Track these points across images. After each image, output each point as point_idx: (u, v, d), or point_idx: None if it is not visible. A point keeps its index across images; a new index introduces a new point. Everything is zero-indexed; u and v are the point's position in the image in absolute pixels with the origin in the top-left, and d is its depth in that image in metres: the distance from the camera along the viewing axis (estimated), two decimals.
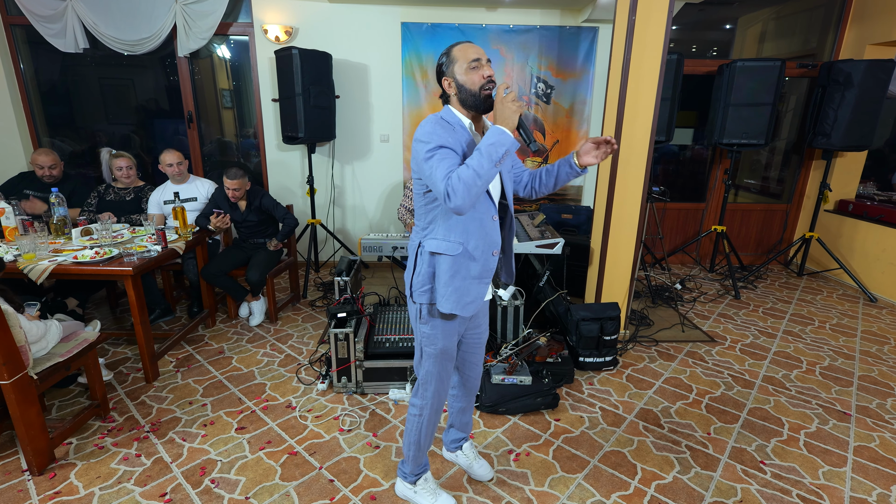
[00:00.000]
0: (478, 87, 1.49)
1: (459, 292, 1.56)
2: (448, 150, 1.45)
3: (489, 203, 1.55)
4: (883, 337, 3.48)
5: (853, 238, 4.52)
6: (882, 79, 3.94)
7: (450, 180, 1.38)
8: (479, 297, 1.60)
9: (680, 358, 3.11)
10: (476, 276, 1.57)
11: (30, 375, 1.95)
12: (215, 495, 1.93)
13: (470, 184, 1.36)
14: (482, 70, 1.48)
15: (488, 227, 1.56)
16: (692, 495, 1.97)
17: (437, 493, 1.88)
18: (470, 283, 1.57)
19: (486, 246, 1.56)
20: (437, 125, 1.49)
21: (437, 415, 1.80)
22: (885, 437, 2.37)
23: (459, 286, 1.56)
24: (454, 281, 1.56)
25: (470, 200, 1.39)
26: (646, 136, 2.91)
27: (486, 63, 1.50)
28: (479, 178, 1.36)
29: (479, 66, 1.48)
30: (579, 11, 4.36)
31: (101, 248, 2.74)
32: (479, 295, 1.59)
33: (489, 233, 1.56)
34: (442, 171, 1.41)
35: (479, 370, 1.91)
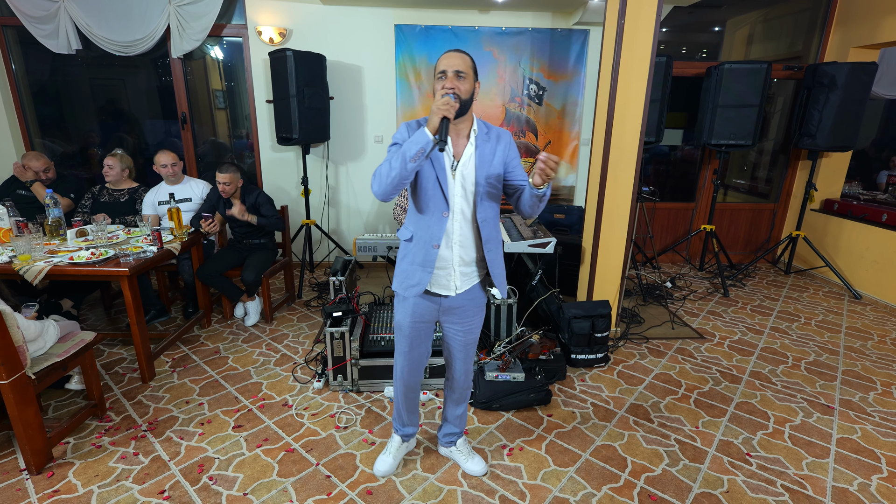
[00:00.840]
0: (439, 95, 1.58)
1: (404, 274, 1.78)
2: (398, 146, 1.62)
3: (440, 199, 1.67)
4: (866, 333, 3.56)
5: (838, 237, 4.62)
6: (865, 81, 4.03)
7: (375, 171, 1.60)
8: (422, 283, 1.74)
9: (670, 354, 3.18)
10: (419, 264, 1.74)
11: (27, 375, 1.97)
12: (213, 492, 1.96)
13: (383, 175, 1.56)
14: (444, 81, 1.59)
15: (433, 222, 1.70)
16: (680, 487, 2.03)
17: (388, 452, 2.10)
18: (414, 269, 1.75)
19: (427, 238, 1.71)
20: (407, 126, 1.66)
21: (407, 391, 1.98)
22: (866, 429, 2.44)
23: (406, 269, 1.77)
24: (402, 264, 1.79)
25: (382, 189, 1.57)
26: (635, 137, 2.97)
27: (453, 75, 1.59)
28: (391, 170, 1.54)
29: (444, 77, 1.60)
30: (570, 14, 4.42)
31: (97, 248, 2.75)
32: (420, 281, 1.74)
33: (432, 227, 1.70)
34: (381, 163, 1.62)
35: (462, 366, 1.96)
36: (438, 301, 1.80)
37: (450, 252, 1.73)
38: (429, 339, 1.91)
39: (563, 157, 4.86)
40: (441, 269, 1.75)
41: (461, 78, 1.59)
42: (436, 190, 1.66)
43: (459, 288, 1.78)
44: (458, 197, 1.69)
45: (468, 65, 1.61)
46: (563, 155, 4.86)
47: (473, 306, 1.85)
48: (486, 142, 1.70)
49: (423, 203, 1.69)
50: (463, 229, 1.73)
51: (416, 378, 1.96)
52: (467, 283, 1.80)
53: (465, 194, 1.70)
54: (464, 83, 1.59)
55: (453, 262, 1.75)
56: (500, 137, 1.73)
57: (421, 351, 1.90)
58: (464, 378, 2.00)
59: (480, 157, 1.69)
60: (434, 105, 1.52)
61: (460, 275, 1.77)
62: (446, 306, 1.81)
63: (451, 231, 1.71)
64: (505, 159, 1.71)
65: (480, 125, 1.72)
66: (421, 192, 1.68)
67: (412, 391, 2.00)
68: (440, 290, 1.78)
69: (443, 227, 1.69)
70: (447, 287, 1.77)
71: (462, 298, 1.80)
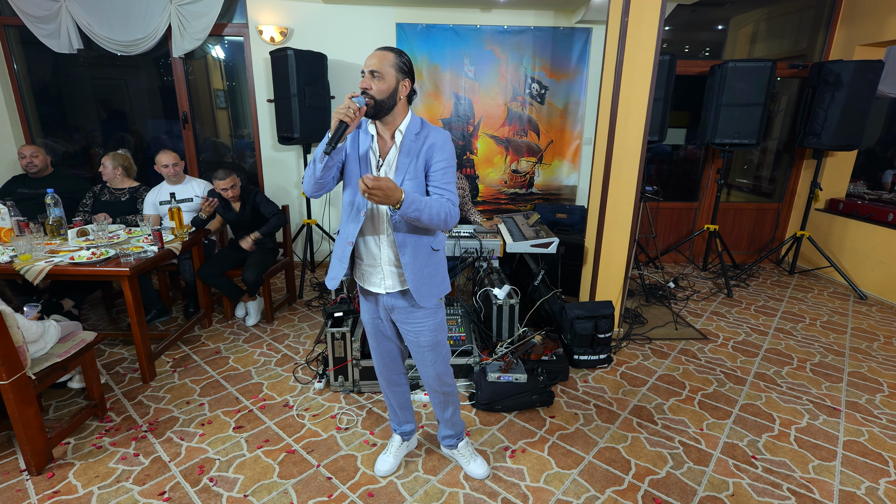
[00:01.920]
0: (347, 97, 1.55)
1: (329, 266, 1.83)
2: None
3: (362, 200, 1.66)
4: (872, 334, 3.53)
5: (843, 236, 4.58)
6: (871, 79, 4.00)
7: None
8: (338, 276, 1.78)
9: (673, 355, 3.15)
10: (337, 258, 1.79)
11: (28, 376, 1.96)
12: (214, 493, 1.95)
13: (307, 177, 1.63)
14: (363, 81, 1.59)
15: (349, 220, 1.73)
16: (685, 490, 2.01)
17: (388, 452, 2.11)
18: (335, 262, 1.80)
19: (344, 234, 1.75)
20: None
21: (388, 385, 2.02)
22: (873, 431, 2.41)
23: (331, 262, 1.83)
24: (332, 257, 1.83)
25: (307, 188, 1.65)
26: (639, 136, 2.95)
27: (368, 75, 1.58)
28: (310, 170, 1.61)
29: (363, 76, 1.59)
30: (573, 13, 4.40)
31: (98, 248, 2.74)
32: (337, 274, 1.78)
33: (349, 224, 1.73)
34: None
35: (422, 369, 1.91)
36: (378, 298, 1.80)
37: (378, 251, 1.72)
38: (391, 335, 1.89)
39: (565, 156, 4.84)
40: (371, 266, 1.75)
41: (376, 77, 1.56)
42: (356, 189, 1.66)
43: (390, 287, 1.74)
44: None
45: (388, 63, 1.56)
46: (565, 154, 4.84)
47: (412, 308, 1.77)
48: (414, 143, 1.64)
49: (347, 200, 1.71)
50: (388, 230, 1.69)
51: (392, 372, 1.98)
52: (398, 286, 1.74)
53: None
54: (379, 83, 1.56)
55: (382, 260, 1.72)
56: (432, 139, 1.64)
57: (389, 346, 1.92)
58: (430, 382, 1.93)
59: (402, 158, 1.64)
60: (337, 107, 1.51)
61: (390, 273, 1.73)
62: (388, 305, 1.80)
63: (375, 230, 1.70)
64: (425, 159, 1.64)
65: (412, 125, 1.66)
66: (347, 190, 1.71)
67: (395, 385, 2.01)
68: (372, 288, 1.77)
69: (357, 225, 1.68)
70: (378, 285, 1.76)
71: (394, 299, 1.77)
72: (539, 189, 4.92)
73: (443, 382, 1.93)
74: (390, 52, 1.59)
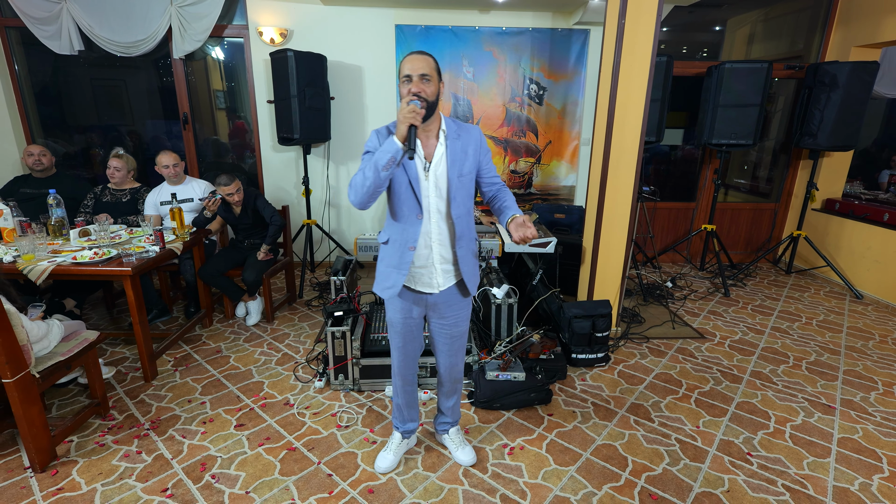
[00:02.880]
0: (405, 102, 1.59)
1: (381, 276, 1.83)
2: (370, 153, 1.66)
3: (414, 202, 1.71)
4: (868, 332, 3.56)
5: (840, 236, 4.62)
6: (866, 80, 4.03)
7: (350, 182, 1.64)
8: (396, 285, 1.79)
9: (670, 354, 3.18)
10: (394, 266, 1.78)
11: (32, 374, 1.98)
12: (216, 490, 1.97)
13: (357, 185, 1.60)
14: (409, 86, 1.61)
15: (408, 225, 1.73)
16: (681, 486, 2.03)
17: (388, 450, 2.13)
18: (390, 271, 1.80)
19: (403, 241, 1.75)
20: (377, 133, 1.69)
21: (405, 384, 2.04)
22: (867, 428, 2.44)
23: (382, 271, 1.83)
24: (380, 266, 1.85)
25: (359, 199, 1.61)
26: (636, 137, 2.98)
27: (418, 78, 1.60)
28: (366, 180, 1.57)
29: (409, 81, 1.61)
30: (570, 14, 4.43)
31: (100, 248, 2.76)
32: (395, 282, 1.79)
33: (407, 229, 1.74)
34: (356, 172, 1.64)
35: (450, 361, 2.01)
36: (424, 298, 1.84)
37: (429, 251, 1.77)
38: (420, 334, 1.96)
39: (563, 156, 4.87)
40: (423, 267, 1.79)
41: (426, 81, 1.61)
42: (409, 194, 1.69)
43: (442, 285, 1.83)
44: (433, 197, 1.72)
45: (432, 67, 1.63)
46: (563, 155, 4.86)
47: (458, 301, 1.89)
48: (457, 139, 1.73)
49: (398, 207, 1.73)
50: (441, 228, 1.77)
51: (411, 371, 2.02)
52: (449, 281, 1.84)
53: (439, 193, 1.73)
54: (429, 86, 1.61)
55: (433, 260, 1.78)
56: (471, 135, 1.76)
57: (414, 345, 1.97)
58: (449, 372, 2.04)
59: (451, 155, 1.71)
60: (400, 114, 1.53)
61: (442, 272, 1.81)
62: (431, 302, 1.86)
63: (429, 231, 1.75)
64: (476, 156, 1.76)
65: (450, 124, 1.74)
66: (395, 196, 1.72)
67: (410, 384, 2.06)
68: (423, 288, 1.82)
69: (417, 229, 1.73)
70: (430, 285, 1.82)
71: (446, 295, 1.85)
72: (537, 189, 4.94)
73: (455, 371, 2.05)
74: (430, 56, 1.65)
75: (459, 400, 2.19)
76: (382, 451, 2.15)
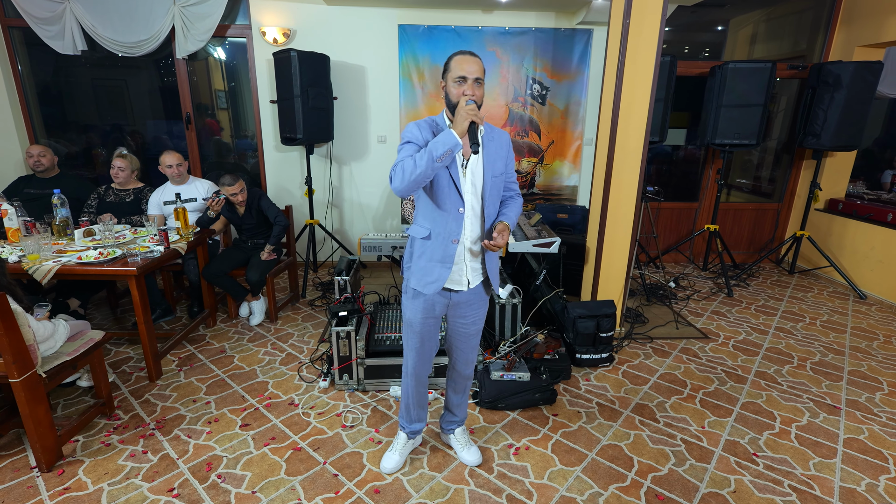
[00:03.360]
0: (456, 99, 1.64)
1: (423, 271, 1.80)
2: (412, 144, 1.66)
3: (456, 196, 1.72)
4: (872, 333, 3.56)
5: (843, 236, 4.61)
6: (870, 80, 4.03)
7: (395, 167, 1.62)
8: (441, 279, 1.78)
9: (674, 354, 3.18)
10: (438, 260, 1.77)
11: (38, 374, 1.98)
12: (222, 490, 1.97)
13: (407, 171, 1.57)
14: (464, 87, 1.63)
15: (450, 218, 1.74)
16: (687, 486, 2.03)
17: (394, 450, 2.13)
18: (433, 265, 1.78)
19: (446, 234, 1.75)
20: (417, 126, 1.70)
21: (417, 385, 2.03)
22: (873, 429, 2.44)
23: (424, 266, 1.80)
24: (420, 261, 1.81)
25: (405, 186, 1.59)
26: (640, 137, 2.97)
27: (472, 82, 1.62)
28: (416, 168, 1.55)
29: (463, 82, 1.63)
30: (574, 14, 4.42)
31: (105, 248, 2.76)
32: (440, 276, 1.78)
33: (450, 223, 1.74)
34: (397, 160, 1.63)
35: (466, 357, 2.03)
36: (449, 296, 1.85)
37: (463, 248, 1.79)
38: (437, 333, 1.97)
39: (566, 156, 4.87)
40: (455, 264, 1.80)
41: (479, 84, 1.64)
42: (451, 187, 1.71)
43: (472, 283, 1.85)
44: (469, 194, 1.75)
45: (483, 71, 1.66)
46: (566, 155, 4.86)
47: (479, 299, 1.92)
48: (491, 141, 1.77)
49: (441, 200, 1.73)
50: (473, 225, 1.79)
51: (426, 371, 2.03)
52: (477, 279, 1.87)
53: (474, 191, 1.76)
54: (479, 89, 1.65)
55: (465, 257, 1.81)
56: (502, 139, 1.82)
57: (431, 345, 1.97)
58: (465, 368, 2.06)
59: (487, 156, 1.76)
60: (462, 110, 1.56)
61: (471, 270, 1.84)
62: (456, 300, 1.87)
63: (464, 227, 1.77)
64: (506, 161, 1.81)
65: (486, 126, 1.76)
66: (437, 189, 1.72)
67: (422, 385, 2.06)
68: (453, 286, 1.84)
69: (460, 222, 1.75)
70: (460, 283, 1.83)
71: (472, 293, 1.87)
72: (540, 189, 4.94)
73: (469, 367, 2.07)
74: (479, 59, 1.66)
75: (468, 398, 2.20)
76: (387, 451, 2.14)
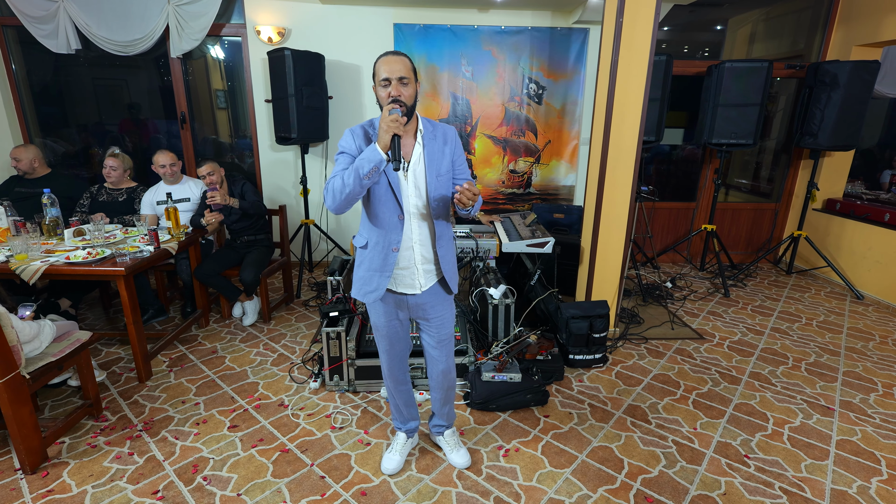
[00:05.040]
0: (385, 104, 1.59)
1: (362, 281, 1.78)
2: (346, 156, 1.63)
3: (394, 204, 1.68)
4: (868, 333, 3.53)
5: (840, 236, 4.58)
6: (867, 80, 4.00)
7: (326, 185, 1.61)
8: (380, 288, 1.75)
9: (669, 355, 3.15)
10: (377, 269, 1.75)
11: (22, 375, 1.97)
12: (207, 492, 1.95)
13: (336, 191, 1.56)
14: (388, 89, 1.59)
15: (390, 226, 1.70)
16: (677, 489, 2.01)
17: (394, 450, 2.11)
18: (371, 275, 1.76)
19: (385, 243, 1.72)
20: (352, 133, 1.67)
21: (397, 385, 2.01)
22: (867, 431, 2.42)
23: (363, 276, 1.78)
24: (359, 271, 1.79)
25: (337, 205, 1.57)
26: (634, 137, 2.95)
27: (397, 82, 1.57)
28: (346, 187, 1.54)
29: (388, 84, 1.58)
30: (570, 13, 4.40)
31: (94, 248, 2.75)
32: (379, 286, 1.75)
33: (389, 232, 1.71)
34: (330, 176, 1.61)
35: (437, 366, 1.98)
36: (406, 299, 1.83)
37: (411, 252, 1.76)
38: (406, 334, 1.95)
39: (563, 156, 4.84)
40: (404, 269, 1.78)
41: (405, 84, 1.59)
42: (388, 195, 1.67)
43: (424, 285, 1.82)
44: (412, 197, 1.71)
45: (409, 68, 1.61)
46: (563, 154, 4.84)
47: (440, 301, 1.88)
48: (433, 140, 1.72)
49: (378, 209, 1.70)
50: (421, 228, 1.76)
51: (402, 371, 2.01)
52: (431, 280, 1.84)
53: (418, 194, 1.72)
54: (407, 89, 1.60)
55: (415, 260, 1.78)
56: (446, 134, 1.76)
57: (401, 347, 1.95)
58: (442, 380, 2.02)
59: (429, 155, 1.70)
60: (383, 122, 1.51)
61: (423, 272, 1.80)
62: (413, 304, 1.84)
63: (410, 231, 1.73)
64: (452, 156, 1.76)
65: (426, 124, 1.73)
66: (374, 199, 1.69)
67: (402, 384, 2.04)
68: (406, 290, 1.81)
69: (400, 230, 1.71)
70: (412, 286, 1.80)
71: (428, 295, 1.84)
72: (537, 189, 4.92)
73: (450, 378, 2.03)
74: (405, 56, 1.62)
75: (453, 404, 2.17)
76: (387, 452, 2.13)
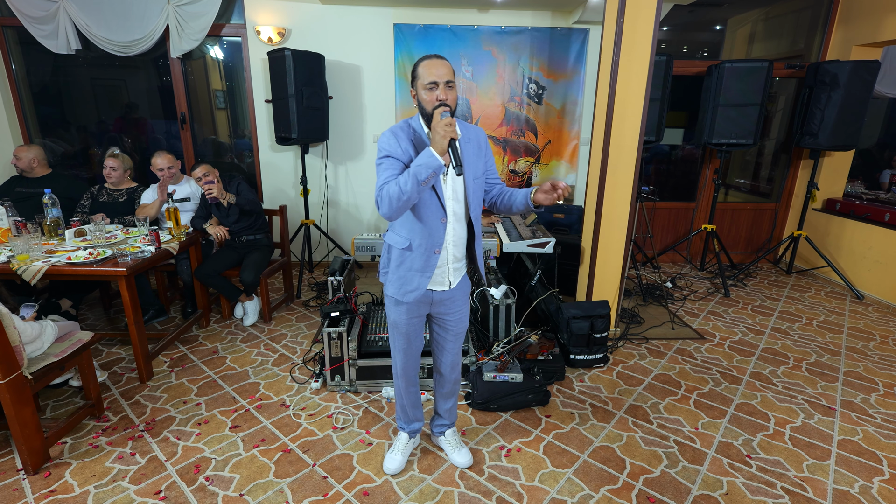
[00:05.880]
0: (430, 107, 1.59)
1: (402, 280, 1.78)
2: (393, 160, 1.62)
3: (438, 207, 1.69)
4: (869, 333, 3.54)
5: (840, 236, 4.59)
6: (867, 79, 4.00)
7: (381, 191, 1.58)
8: (420, 288, 1.76)
9: (669, 355, 3.16)
10: (418, 269, 1.75)
11: (24, 375, 1.97)
12: (210, 493, 1.95)
13: (394, 198, 1.54)
14: (436, 92, 1.58)
15: (433, 229, 1.71)
16: (679, 489, 2.01)
17: (396, 450, 2.11)
18: (412, 275, 1.76)
19: (429, 245, 1.72)
20: (394, 135, 1.64)
21: (408, 385, 2.02)
22: (868, 430, 2.42)
23: (403, 275, 1.77)
24: (399, 270, 1.78)
25: (393, 212, 1.57)
26: (634, 137, 2.95)
27: (444, 86, 1.58)
28: (403, 194, 1.53)
29: (435, 88, 1.58)
30: (570, 13, 4.40)
31: (95, 248, 2.75)
32: (420, 285, 1.76)
33: (433, 233, 1.71)
34: (380, 181, 1.60)
35: (450, 357, 2.01)
36: (432, 295, 1.84)
37: (445, 252, 1.78)
38: (422, 331, 1.96)
39: (563, 156, 4.85)
40: (438, 268, 1.79)
41: (450, 88, 1.60)
42: (433, 199, 1.68)
43: (454, 283, 1.85)
44: (451, 200, 1.73)
45: (452, 72, 1.62)
46: (563, 154, 4.84)
47: (461, 295, 1.91)
48: (468, 143, 1.73)
49: (423, 211, 1.70)
50: (456, 230, 1.78)
51: (415, 370, 2.02)
52: (458, 277, 1.87)
53: (456, 197, 1.74)
54: (452, 93, 1.61)
55: (447, 260, 1.80)
56: (478, 137, 1.78)
57: (418, 343, 1.96)
58: (452, 370, 2.04)
59: (467, 158, 1.71)
60: (438, 127, 1.50)
61: (454, 270, 1.83)
62: (439, 299, 1.86)
63: (448, 233, 1.75)
64: (484, 158, 1.78)
65: (461, 127, 1.72)
66: (420, 202, 1.69)
67: (413, 384, 2.05)
68: (436, 287, 1.83)
69: (443, 232, 1.72)
70: (442, 283, 1.83)
71: (455, 291, 1.87)
72: None
73: (456, 370, 2.06)
74: (448, 60, 1.63)
75: (457, 402, 2.19)
76: (389, 452, 2.13)
